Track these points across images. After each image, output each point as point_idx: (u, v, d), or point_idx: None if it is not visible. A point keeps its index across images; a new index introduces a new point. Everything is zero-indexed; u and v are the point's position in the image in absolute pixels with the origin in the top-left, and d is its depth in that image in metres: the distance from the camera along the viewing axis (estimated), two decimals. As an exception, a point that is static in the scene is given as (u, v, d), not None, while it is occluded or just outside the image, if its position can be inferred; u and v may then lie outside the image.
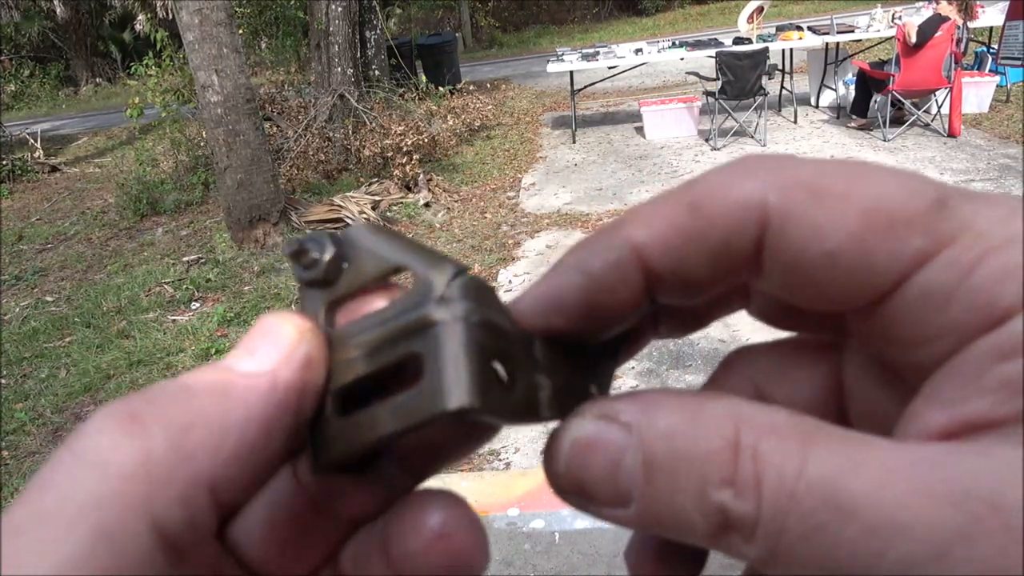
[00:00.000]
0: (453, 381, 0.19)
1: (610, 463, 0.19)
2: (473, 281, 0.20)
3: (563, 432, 0.20)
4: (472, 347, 0.19)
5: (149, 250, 6.47)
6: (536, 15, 20.08)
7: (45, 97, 18.29)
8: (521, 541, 2.30)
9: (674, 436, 0.18)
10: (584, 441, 0.20)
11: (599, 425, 0.19)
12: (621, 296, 0.21)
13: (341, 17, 8.36)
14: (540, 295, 0.22)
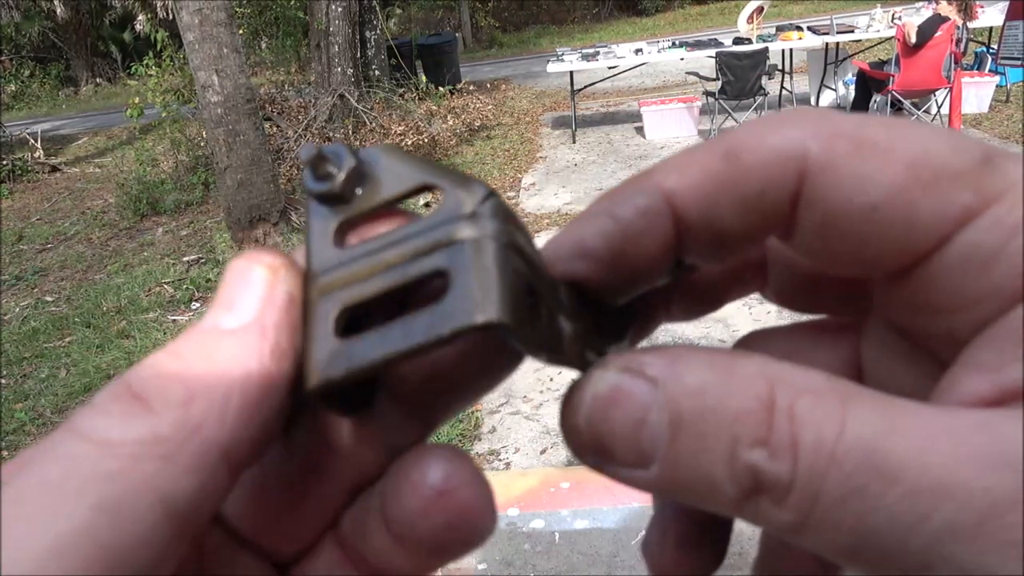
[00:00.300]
0: (483, 294, 0.17)
1: (633, 419, 0.18)
2: (504, 205, 0.19)
3: (584, 384, 0.19)
4: (504, 265, 0.18)
5: (149, 250, 6.47)
6: (536, 15, 20.08)
7: (45, 97, 18.29)
8: (521, 541, 2.30)
9: (704, 393, 0.17)
10: (607, 394, 0.18)
11: (623, 378, 0.18)
12: (648, 246, 0.20)
13: (341, 17, 8.36)
14: (566, 239, 0.21)
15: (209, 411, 0.17)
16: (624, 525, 2.35)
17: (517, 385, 3.70)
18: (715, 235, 0.20)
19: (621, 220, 0.20)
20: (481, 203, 0.19)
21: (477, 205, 0.19)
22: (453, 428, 3.38)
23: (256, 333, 0.18)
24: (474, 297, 0.17)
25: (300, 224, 5.95)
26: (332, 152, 0.20)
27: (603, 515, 2.39)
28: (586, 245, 0.21)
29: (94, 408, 0.17)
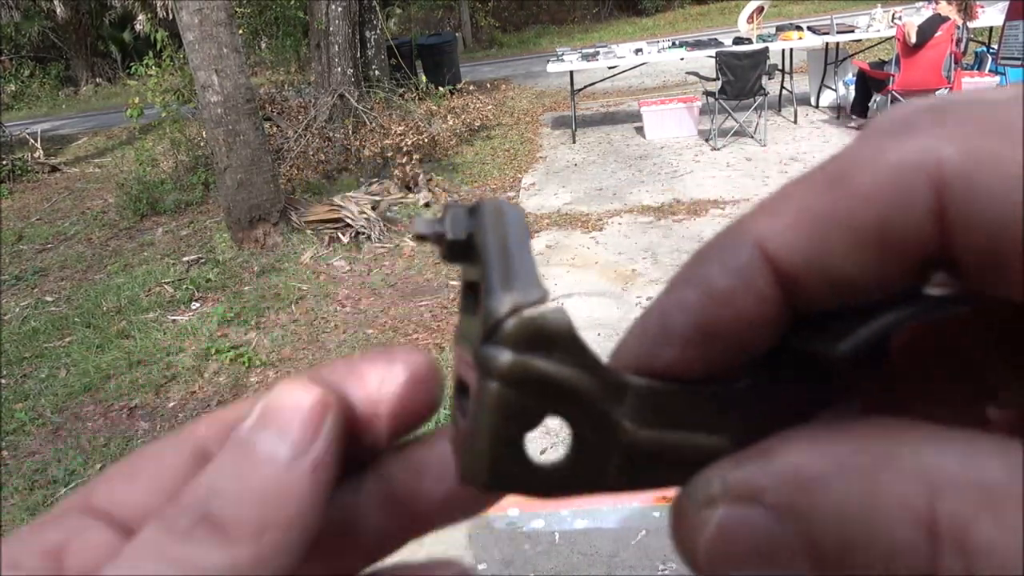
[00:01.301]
0: (467, 454, 0.18)
1: (761, 555, 0.15)
2: (536, 320, 0.17)
3: (688, 508, 0.17)
4: (495, 418, 0.17)
5: (149, 250, 6.47)
6: (536, 15, 20.07)
7: (45, 97, 18.28)
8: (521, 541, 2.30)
9: (844, 522, 0.14)
10: (719, 535, 0.16)
11: (737, 511, 0.16)
12: (745, 309, 0.17)
13: (341, 17, 8.36)
14: (641, 324, 0.18)
15: (277, 544, 0.17)
16: (624, 525, 2.34)
17: (517, 385, 3.70)
18: (834, 285, 0.16)
19: (705, 286, 0.17)
20: (505, 319, 0.17)
21: (502, 321, 0.17)
22: (453, 428, 3.38)
23: (310, 468, 0.18)
24: (461, 459, 0.18)
25: (300, 224, 5.95)
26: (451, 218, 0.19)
27: (603, 515, 2.40)
28: (666, 326, 0.18)
29: (174, 529, 0.17)
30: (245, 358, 4.30)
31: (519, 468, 0.17)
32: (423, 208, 6.47)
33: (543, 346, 0.17)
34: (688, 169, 6.69)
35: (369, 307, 4.87)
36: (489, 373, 0.17)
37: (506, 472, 0.17)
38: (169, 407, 4.00)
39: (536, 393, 0.17)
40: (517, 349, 0.17)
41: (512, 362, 0.17)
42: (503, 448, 0.17)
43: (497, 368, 0.17)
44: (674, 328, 0.18)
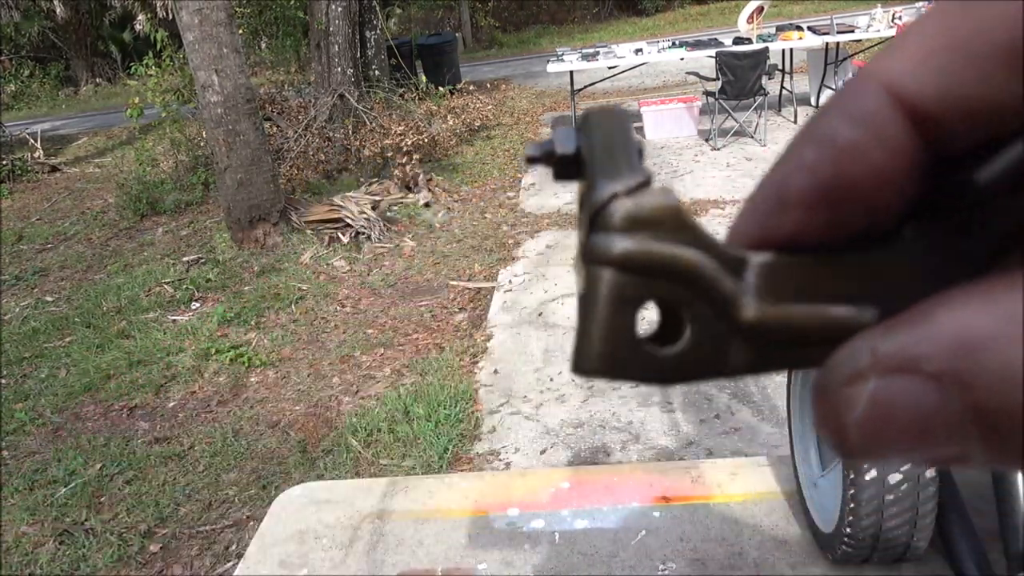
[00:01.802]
0: (581, 342, 0.17)
1: (922, 432, 0.14)
2: (639, 202, 0.17)
3: (832, 386, 0.15)
4: (605, 303, 0.16)
5: (149, 250, 6.47)
6: (536, 15, 20.05)
7: (45, 97, 18.28)
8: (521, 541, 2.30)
9: (1020, 387, 0.13)
10: (873, 410, 0.14)
11: (892, 384, 0.14)
12: (877, 161, 0.15)
13: (341, 17, 8.36)
14: (757, 195, 0.17)
15: None
16: (624, 525, 2.34)
17: (517, 385, 3.70)
18: (974, 115, 0.14)
19: (828, 142, 0.15)
20: (608, 205, 0.17)
21: (598, 209, 0.17)
22: (453, 428, 3.38)
23: None
24: (576, 343, 0.17)
25: (300, 224, 5.95)
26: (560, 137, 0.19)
27: (603, 515, 2.40)
28: (788, 189, 0.16)
29: None
30: (245, 358, 4.30)
31: (633, 354, 0.17)
32: (423, 208, 6.47)
33: (649, 227, 0.16)
34: (688, 169, 6.69)
35: (369, 307, 4.87)
36: (595, 259, 0.16)
37: (619, 358, 0.17)
38: (169, 407, 4.00)
39: (645, 275, 0.16)
40: (621, 232, 0.16)
41: (615, 245, 0.16)
42: (615, 334, 0.16)
43: (602, 253, 0.16)
44: (794, 193, 0.16)
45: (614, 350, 0.17)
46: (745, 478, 2.50)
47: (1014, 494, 1.61)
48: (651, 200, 0.17)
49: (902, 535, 1.88)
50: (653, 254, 0.16)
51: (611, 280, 0.16)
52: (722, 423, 3.18)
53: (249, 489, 3.24)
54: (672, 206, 0.17)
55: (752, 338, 0.17)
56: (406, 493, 2.41)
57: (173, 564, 2.90)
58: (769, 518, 2.31)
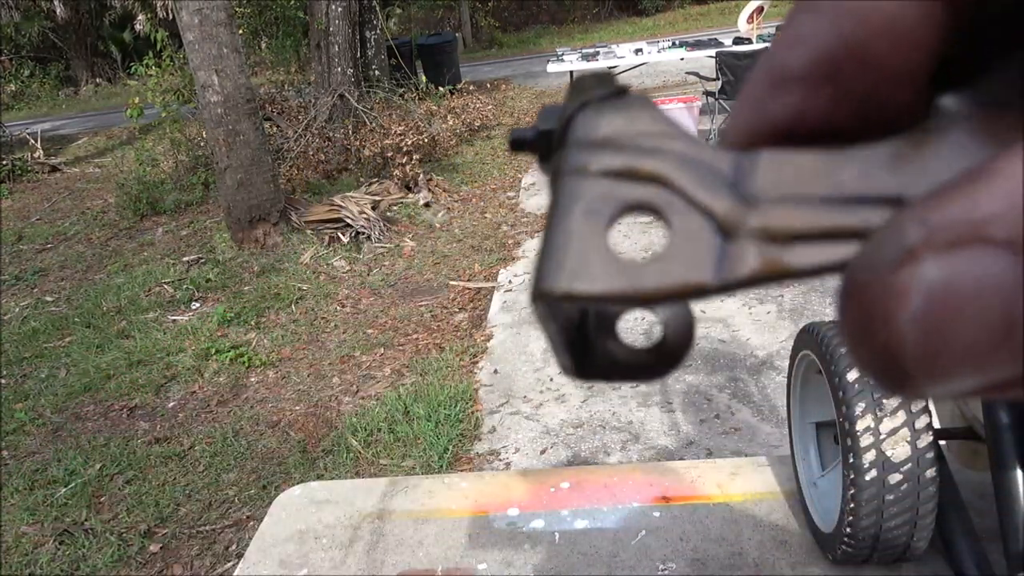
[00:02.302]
0: (546, 260, 0.15)
1: (999, 321, 0.10)
2: (605, 103, 0.15)
3: (869, 280, 0.12)
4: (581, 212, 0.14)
5: (149, 250, 6.47)
6: (536, 15, 20.05)
7: (45, 97, 18.28)
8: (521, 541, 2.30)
9: None
10: (937, 293, 0.11)
11: (957, 262, 0.11)
12: (890, 21, 0.12)
13: (341, 17, 8.36)
14: (752, 76, 0.14)
15: None
16: (624, 525, 2.35)
17: (517, 385, 3.70)
18: None
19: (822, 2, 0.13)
20: (575, 115, 0.15)
21: (567, 121, 0.15)
22: (453, 428, 3.38)
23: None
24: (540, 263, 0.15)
25: (300, 224, 5.95)
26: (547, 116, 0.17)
27: (603, 515, 2.40)
28: (786, 64, 0.13)
29: None
30: (245, 358, 4.30)
31: (607, 265, 0.14)
32: (423, 208, 6.47)
33: (624, 133, 0.15)
34: (688, 169, 6.68)
35: (369, 307, 4.87)
36: (568, 171, 0.15)
37: (591, 271, 0.14)
38: (169, 407, 4.00)
39: (623, 182, 0.15)
40: (595, 141, 0.15)
41: (589, 155, 0.15)
42: (587, 246, 0.14)
43: (575, 163, 0.15)
44: (790, 68, 0.13)
45: (583, 264, 0.14)
46: (745, 478, 2.50)
47: (1014, 494, 1.61)
48: (625, 104, 0.15)
49: (902, 535, 1.88)
50: (629, 162, 0.15)
51: (580, 190, 0.15)
52: (722, 423, 3.18)
53: (249, 489, 3.24)
54: (647, 107, 0.15)
55: (756, 245, 0.14)
56: (406, 493, 2.41)
57: (173, 564, 2.90)
58: (769, 518, 2.31)
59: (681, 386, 3.47)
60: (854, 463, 1.82)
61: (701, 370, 3.57)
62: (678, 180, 0.14)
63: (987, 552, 1.80)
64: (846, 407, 1.85)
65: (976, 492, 2.18)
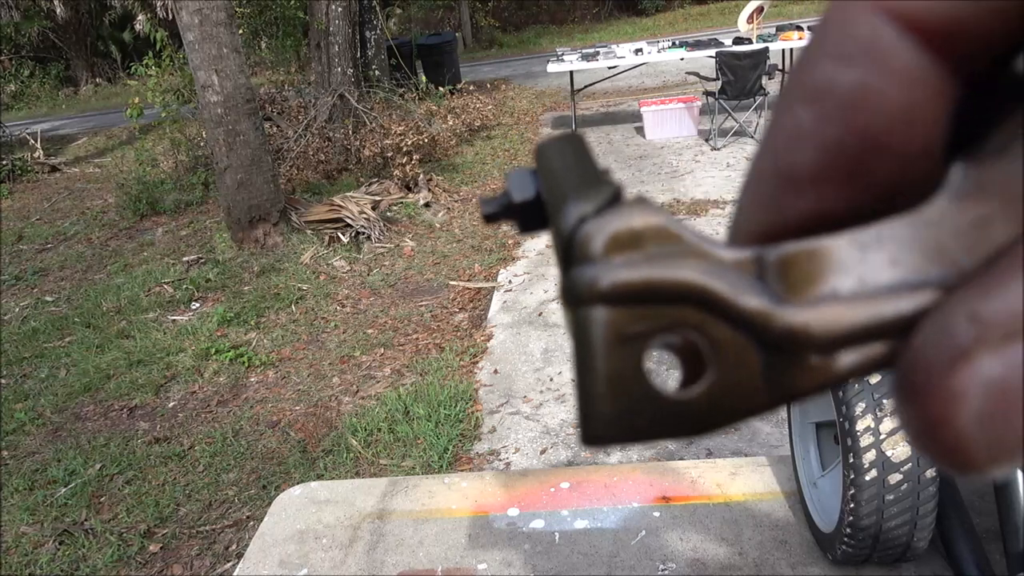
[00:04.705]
0: (585, 404, 0.14)
1: None
2: (610, 221, 0.14)
3: (925, 382, 0.11)
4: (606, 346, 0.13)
5: (149, 250, 6.47)
6: (536, 15, 20.05)
7: (45, 97, 18.28)
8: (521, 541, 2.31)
9: None
10: (996, 390, 0.11)
11: (1014, 354, 0.11)
12: (891, 102, 0.12)
13: (341, 17, 8.36)
14: (754, 176, 0.13)
15: None
16: (624, 525, 2.34)
17: (517, 385, 3.70)
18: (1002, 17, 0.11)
19: (824, 93, 0.12)
20: (575, 231, 0.14)
21: (567, 240, 0.14)
22: (453, 428, 3.38)
23: None
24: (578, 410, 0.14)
25: (300, 224, 5.95)
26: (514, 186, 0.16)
27: (603, 515, 2.40)
28: (793, 166, 0.13)
29: None
30: (245, 358, 4.30)
31: (649, 406, 0.13)
32: (423, 208, 6.47)
33: (632, 246, 0.13)
34: (688, 169, 6.69)
35: (369, 307, 4.87)
36: (579, 299, 0.13)
37: (634, 414, 0.13)
38: (169, 407, 4.00)
39: (643, 305, 0.13)
40: (602, 260, 0.13)
41: (598, 276, 0.13)
42: (623, 386, 0.13)
43: (584, 289, 0.13)
44: (798, 169, 0.12)
45: (626, 407, 0.13)
46: (745, 478, 2.50)
47: (1014, 494, 1.61)
48: (628, 214, 0.14)
49: (902, 535, 1.88)
50: (646, 278, 0.13)
51: (603, 319, 0.13)
52: (722, 423, 3.18)
53: (249, 489, 3.24)
54: (654, 216, 0.14)
55: (794, 354, 0.13)
56: (406, 493, 2.41)
57: (173, 564, 2.90)
58: (769, 518, 2.31)
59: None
60: (854, 463, 1.82)
61: (701, 370, 3.57)
62: (706, 292, 0.13)
63: (987, 552, 1.80)
64: (846, 407, 1.85)
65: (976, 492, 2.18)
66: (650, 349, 0.13)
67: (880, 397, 1.82)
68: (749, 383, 0.13)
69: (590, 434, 0.14)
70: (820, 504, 2.16)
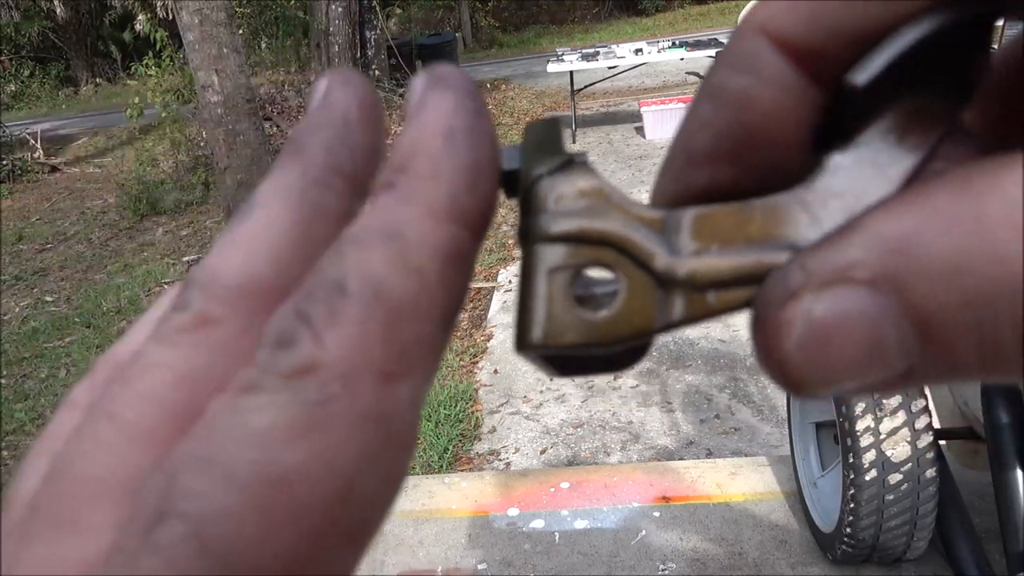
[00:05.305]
0: (521, 318, 0.18)
1: (864, 344, 0.13)
2: (557, 177, 0.18)
3: (767, 315, 0.15)
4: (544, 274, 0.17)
5: (149, 250, 6.47)
6: (536, 15, 20.05)
7: (45, 97, 18.28)
8: (521, 541, 2.31)
9: (955, 274, 0.12)
10: (814, 330, 0.14)
11: (828, 299, 0.13)
12: (766, 105, 0.15)
13: (341, 17, 8.37)
14: (668, 155, 0.17)
15: None
16: (624, 525, 2.35)
17: (517, 385, 3.70)
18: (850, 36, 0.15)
19: (718, 94, 0.16)
20: (533, 186, 0.18)
21: (524, 195, 0.18)
22: (453, 428, 3.38)
23: None
24: (520, 320, 0.18)
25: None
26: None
27: (603, 515, 2.40)
28: (691, 147, 0.17)
29: None
30: (245, 358, 4.30)
31: (571, 320, 0.17)
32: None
33: (573, 200, 0.18)
34: (688, 169, 6.69)
35: (369, 307, 4.87)
36: (528, 239, 0.18)
37: (558, 327, 0.17)
38: (169, 407, 4.00)
39: (575, 244, 0.17)
40: (549, 210, 0.18)
41: (544, 223, 0.18)
42: (552, 304, 0.17)
43: (532, 232, 0.18)
44: (698, 149, 0.16)
45: (552, 320, 0.17)
46: (745, 478, 2.50)
47: (1014, 494, 1.61)
48: (573, 176, 0.18)
49: (902, 535, 1.88)
50: (580, 226, 0.17)
51: (544, 254, 0.17)
52: (722, 423, 3.18)
53: (249, 489, 3.24)
54: (593, 179, 0.18)
55: (684, 292, 0.17)
56: (406, 493, 2.42)
57: (173, 564, 2.90)
58: (769, 518, 2.31)
59: (681, 386, 3.47)
60: (854, 463, 1.83)
61: (701, 370, 3.57)
62: (623, 240, 0.17)
63: (987, 552, 1.80)
64: (846, 407, 1.85)
65: (976, 492, 2.18)
66: (579, 278, 0.17)
67: (880, 397, 1.82)
68: (647, 310, 0.17)
69: (524, 342, 0.17)
70: (820, 504, 2.16)
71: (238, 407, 0.12)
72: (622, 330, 0.17)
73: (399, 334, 0.14)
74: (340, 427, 0.13)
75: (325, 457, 0.12)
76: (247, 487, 0.12)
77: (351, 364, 0.13)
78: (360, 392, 0.13)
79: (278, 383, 0.12)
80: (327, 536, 0.12)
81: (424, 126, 0.16)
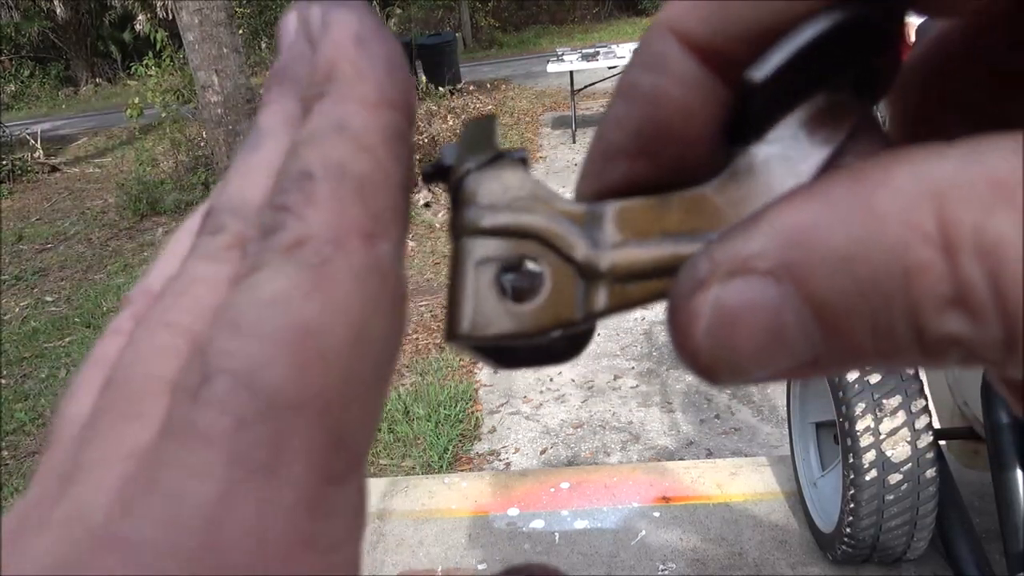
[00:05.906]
0: (450, 310, 0.18)
1: (767, 332, 0.14)
2: (485, 173, 0.18)
3: (679, 303, 0.15)
4: (471, 267, 0.18)
5: (149, 250, 6.47)
6: (536, 15, 20.05)
7: (45, 97, 18.27)
8: (521, 541, 2.31)
9: (848, 264, 0.13)
10: (718, 319, 0.14)
11: (732, 288, 0.14)
12: (675, 102, 0.16)
13: (341, 17, 8.37)
14: (588, 152, 0.18)
15: None
16: (624, 525, 2.35)
17: (517, 385, 3.70)
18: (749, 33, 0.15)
19: (631, 92, 0.16)
20: (462, 181, 0.18)
21: (453, 188, 0.18)
22: (453, 428, 3.38)
23: None
24: (445, 315, 0.18)
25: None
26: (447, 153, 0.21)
27: (603, 515, 2.40)
28: (607, 144, 0.17)
29: None
30: (245, 358, 4.30)
31: (498, 312, 0.17)
32: (423, 208, 6.47)
33: (500, 194, 0.18)
34: (688, 169, 6.69)
35: (369, 307, 4.87)
36: (456, 232, 0.18)
37: (485, 319, 0.17)
38: (169, 407, 4.00)
39: (501, 237, 0.18)
40: (476, 203, 0.18)
41: (471, 215, 0.18)
42: (479, 296, 0.18)
43: (460, 225, 0.18)
44: (614, 145, 0.17)
45: (479, 312, 0.17)
46: (745, 478, 2.51)
47: (1014, 494, 1.61)
48: (500, 171, 0.18)
49: (902, 535, 1.88)
50: (505, 220, 0.18)
51: (471, 248, 0.18)
52: (722, 423, 3.18)
53: (249, 489, 3.24)
54: (519, 173, 0.18)
55: (606, 283, 0.17)
56: (406, 493, 2.42)
57: (173, 564, 2.90)
58: (769, 518, 2.32)
59: (681, 386, 3.47)
60: (854, 463, 1.83)
61: (701, 370, 3.57)
62: (547, 233, 0.18)
63: (987, 552, 1.80)
64: (846, 407, 1.85)
65: (976, 492, 2.18)
66: (507, 271, 0.18)
67: (880, 397, 1.82)
68: (571, 301, 0.17)
69: (452, 333, 0.18)
70: (820, 504, 2.16)
71: (250, 283, 0.14)
72: (547, 321, 0.18)
73: (369, 201, 0.15)
74: (343, 281, 0.14)
75: (336, 307, 0.14)
76: (276, 340, 0.13)
77: (337, 231, 0.14)
78: (351, 251, 0.14)
79: (278, 257, 0.14)
80: (352, 373, 0.14)
81: (336, 40, 0.17)
